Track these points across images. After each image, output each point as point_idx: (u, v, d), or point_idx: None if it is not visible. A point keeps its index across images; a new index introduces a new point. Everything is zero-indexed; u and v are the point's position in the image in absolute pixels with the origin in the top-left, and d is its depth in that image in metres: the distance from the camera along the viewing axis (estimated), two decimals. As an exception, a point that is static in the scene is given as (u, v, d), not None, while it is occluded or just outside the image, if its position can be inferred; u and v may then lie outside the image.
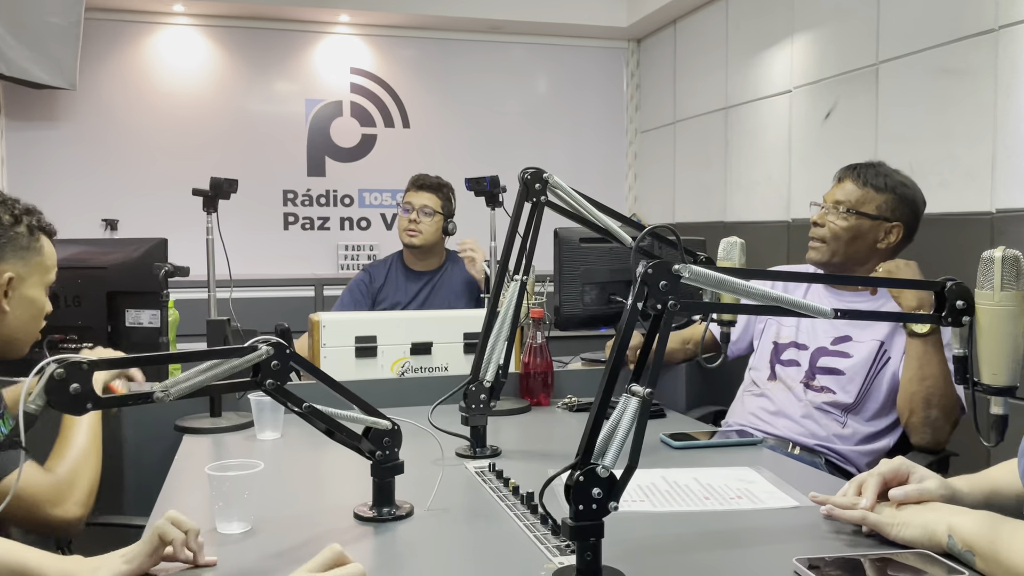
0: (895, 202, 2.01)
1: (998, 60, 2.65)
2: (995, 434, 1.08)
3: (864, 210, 2.00)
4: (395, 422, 1.27)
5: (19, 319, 1.53)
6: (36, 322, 1.58)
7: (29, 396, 0.96)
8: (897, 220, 2.01)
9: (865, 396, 1.96)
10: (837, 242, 2.02)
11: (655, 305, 1.01)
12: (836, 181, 2.10)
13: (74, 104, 4.52)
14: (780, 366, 2.09)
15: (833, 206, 2.04)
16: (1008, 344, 1.07)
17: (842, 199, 2.03)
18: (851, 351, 1.99)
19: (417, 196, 3.08)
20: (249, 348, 1.11)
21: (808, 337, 2.08)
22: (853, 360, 1.98)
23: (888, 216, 2.01)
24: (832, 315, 1.10)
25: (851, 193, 2.03)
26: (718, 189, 4.40)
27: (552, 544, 1.16)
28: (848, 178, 2.05)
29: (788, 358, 2.09)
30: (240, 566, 1.12)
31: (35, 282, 1.55)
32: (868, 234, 2.01)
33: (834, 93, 3.48)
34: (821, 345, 2.04)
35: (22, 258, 1.51)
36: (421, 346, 2.25)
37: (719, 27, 4.37)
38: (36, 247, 1.55)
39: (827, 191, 2.10)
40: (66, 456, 1.47)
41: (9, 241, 1.50)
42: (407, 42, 5.06)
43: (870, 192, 2.01)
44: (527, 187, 1.62)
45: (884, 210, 2.01)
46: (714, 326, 2.30)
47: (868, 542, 1.16)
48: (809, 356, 2.05)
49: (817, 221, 2.07)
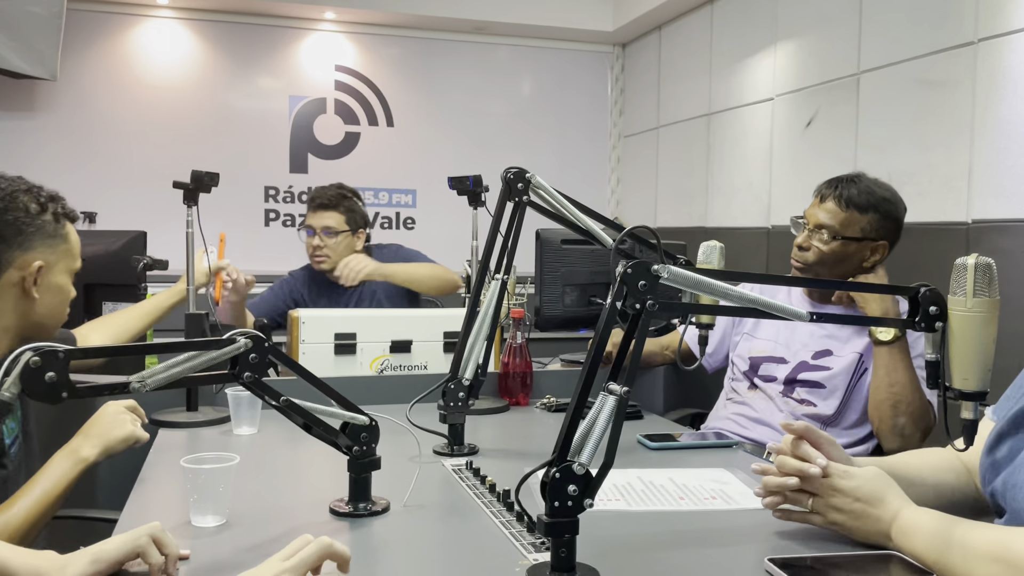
0: (879, 221, 1.98)
1: (976, 72, 2.69)
2: (965, 439, 1.10)
3: (848, 234, 1.97)
4: (373, 418, 1.27)
5: (47, 306, 1.56)
6: (63, 308, 1.61)
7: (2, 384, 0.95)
8: (882, 239, 1.99)
9: (844, 408, 1.97)
10: (822, 267, 1.99)
11: (634, 305, 1.01)
12: (817, 199, 2.05)
13: (54, 95, 4.48)
14: (759, 380, 2.09)
15: (816, 229, 2.00)
16: (979, 350, 1.08)
17: (825, 223, 1.98)
18: (830, 364, 2.00)
19: (316, 217, 2.86)
20: (227, 340, 1.11)
21: (787, 351, 2.07)
22: (832, 372, 1.98)
23: (873, 236, 1.98)
24: (807, 318, 1.11)
25: (834, 216, 1.98)
26: (700, 194, 4.43)
27: (527, 541, 1.17)
28: (830, 198, 2.00)
29: (766, 373, 2.08)
30: (214, 559, 1.12)
31: (62, 269, 1.58)
32: (854, 256, 1.99)
33: (816, 102, 3.51)
34: (802, 360, 2.03)
35: (49, 246, 1.54)
36: (401, 344, 2.25)
37: (704, 34, 4.40)
38: (62, 234, 1.58)
39: (808, 206, 2.06)
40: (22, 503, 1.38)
41: (37, 230, 1.53)
42: (392, 41, 5.06)
43: (854, 214, 1.97)
44: (509, 187, 1.62)
45: (869, 231, 1.98)
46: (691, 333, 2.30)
47: (840, 543, 1.17)
48: (788, 371, 2.04)
49: (802, 245, 2.02)
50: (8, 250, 1.50)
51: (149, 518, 1.05)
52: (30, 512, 1.36)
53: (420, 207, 5.13)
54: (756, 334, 2.16)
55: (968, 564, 1.00)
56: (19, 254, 1.51)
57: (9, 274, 1.51)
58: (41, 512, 1.38)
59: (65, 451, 1.46)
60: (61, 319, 1.63)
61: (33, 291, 1.52)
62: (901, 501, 1.12)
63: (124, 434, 1.49)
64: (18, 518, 1.35)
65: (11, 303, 1.52)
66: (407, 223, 5.12)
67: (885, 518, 1.11)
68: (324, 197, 2.89)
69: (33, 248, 1.52)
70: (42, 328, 1.58)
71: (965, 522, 1.06)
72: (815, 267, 2.00)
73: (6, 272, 1.50)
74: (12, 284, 1.51)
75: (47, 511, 1.39)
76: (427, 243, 5.07)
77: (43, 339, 1.56)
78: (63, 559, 1.00)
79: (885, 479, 1.15)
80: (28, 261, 1.51)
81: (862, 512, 1.13)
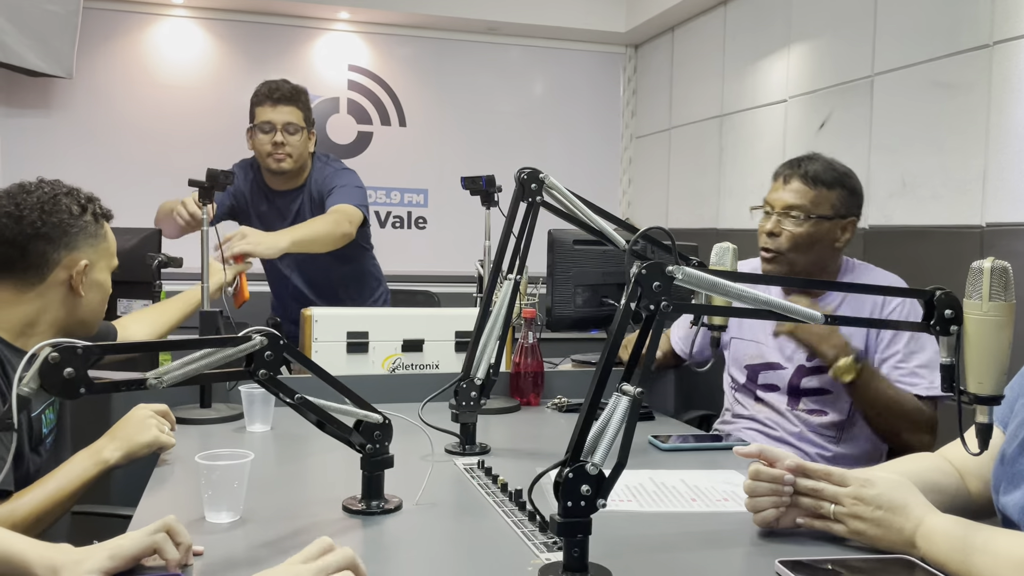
0: (846, 196, 1.91)
1: (992, 75, 2.68)
2: (979, 442, 1.10)
3: (820, 212, 1.89)
4: (386, 416, 1.27)
5: (91, 303, 1.64)
6: (104, 305, 1.69)
7: (23, 379, 0.96)
8: (851, 215, 1.92)
9: (855, 412, 1.92)
10: (796, 252, 1.91)
11: (648, 306, 1.02)
12: (780, 181, 1.95)
13: (70, 93, 4.51)
14: (761, 391, 2.03)
15: (785, 212, 1.91)
16: (994, 354, 1.08)
17: (795, 203, 1.89)
18: None
19: (277, 112, 2.64)
20: (243, 338, 1.12)
21: (780, 355, 2.00)
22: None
23: (843, 213, 1.91)
24: (822, 320, 1.11)
25: (803, 195, 1.89)
26: (711, 196, 4.42)
27: (539, 540, 1.17)
28: (795, 177, 1.91)
29: (766, 382, 2.02)
30: (228, 555, 1.13)
31: (103, 267, 1.66)
32: (827, 236, 1.91)
33: (829, 104, 3.50)
34: (800, 364, 1.96)
35: (92, 245, 1.62)
36: (412, 343, 2.26)
37: (717, 35, 4.39)
38: (102, 234, 1.66)
39: (769, 192, 1.97)
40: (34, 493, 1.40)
41: (81, 230, 1.60)
42: (405, 41, 5.07)
43: (822, 191, 1.89)
44: (523, 187, 1.62)
45: (839, 208, 1.90)
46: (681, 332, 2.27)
47: (851, 546, 1.17)
48: (788, 377, 1.98)
49: (772, 230, 1.93)
50: (55, 250, 1.57)
51: (164, 514, 1.06)
52: (39, 505, 1.38)
53: (432, 207, 5.14)
54: (742, 334, 2.09)
55: (996, 567, 0.99)
56: (65, 254, 1.58)
57: (56, 273, 1.58)
58: (50, 506, 1.40)
59: (89, 450, 1.49)
60: (101, 315, 1.70)
61: (80, 289, 1.60)
62: (924, 508, 1.12)
63: (148, 439, 1.52)
64: (25, 508, 1.37)
65: (59, 300, 1.59)
66: (419, 223, 5.13)
67: (908, 526, 1.10)
68: (284, 90, 2.67)
69: (78, 248, 1.60)
70: (85, 324, 1.65)
71: (989, 528, 1.06)
72: (789, 253, 1.91)
73: (54, 271, 1.57)
74: (60, 283, 1.58)
75: (57, 507, 1.41)
76: (439, 243, 5.13)
77: (85, 334, 1.63)
78: (80, 553, 1.01)
79: (907, 486, 1.14)
80: (75, 260, 1.59)
81: (884, 520, 1.12)
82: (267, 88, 2.69)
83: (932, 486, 1.23)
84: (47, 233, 1.55)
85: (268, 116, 2.65)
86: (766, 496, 1.21)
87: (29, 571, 1.00)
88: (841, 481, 1.16)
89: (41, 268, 1.56)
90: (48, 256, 1.56)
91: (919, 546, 1.09)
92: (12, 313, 1.55)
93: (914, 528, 1.10)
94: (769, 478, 1.20)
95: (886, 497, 1.13)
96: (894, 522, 1.11)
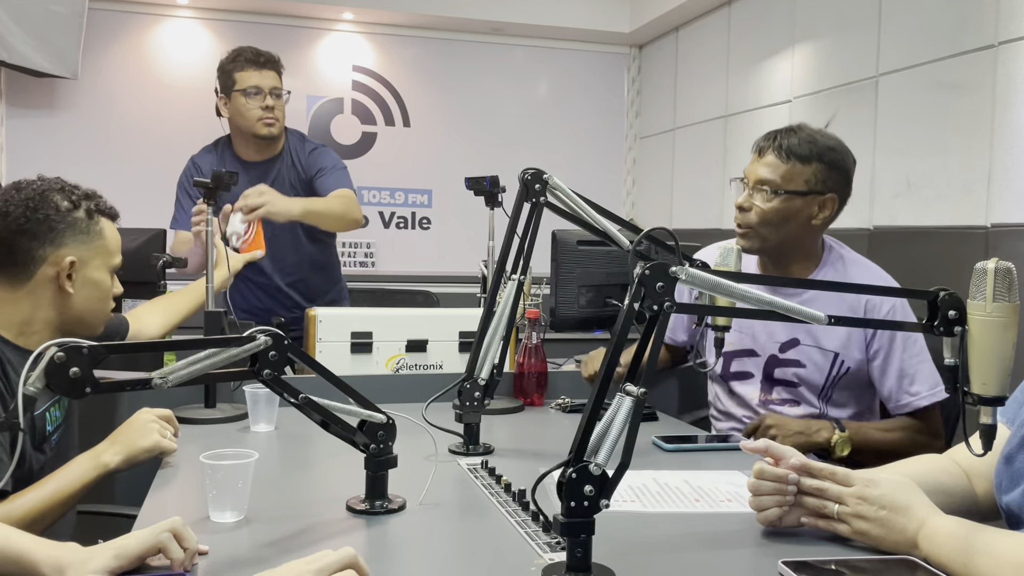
0: (824, 172, 1.83)
1: (996, 76, 2.67)
2: (983, 444, 1.10)
3: (792, 187, 1.82)
4: (390, 416, 1.28)
5: (85, 300, 1.61)
6: (103, 303, 1.67)
7: (28, 379, 0.96)
8: (830, 191, 1.84)
9: (828, 401, 1.90)
10: (767, 227, 1.84)
11: (651, 306, 1.02)
12: (756, 154, 1.89)
13: (75, 93, 4.52)
14: (735, 382, 2.00)
15: (757, 186, 1.85)
16: (998, 355, 1.08)
17: (767, 177, 1.83)
18: (802, 358, 1.91)
19: (262, 77, 2.61)
20: (248, 338, 1.12)
21: (754, 342, 1.96)
22: (807, 371, 1.90)
23: (820, 189, 1.83)
24: (825, 321, 1.11)
25: (775, 169, 1.83)
26: (716, 196, 4.42)
27: (543, 541, 1.17)
28: (769, 150, 1.85)
29: (739, 369, 1.99)
30: (232, 555, 1.13)
31: (98, 265, 1.63)
32: (800, 213, 1.83)
33: (834, 104, 3.50)
34: (772, 353, 1.93)
35: (83, 242, 1.60)
36: (416, 343, 2.26)
37: (721, 35, 4.39)
38: (96, 231, 1.63)
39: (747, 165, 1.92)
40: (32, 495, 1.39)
41: (68, 226, 1.58)
42: (409, 41, 5.08)
43: (796, 165, 1.82)
44: (527, 187, 1.62)
45: (814, 183, 1.82)
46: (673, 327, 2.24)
47: (855, 547, 1.17)
48: (762, 365, 1.95)
49: (743, 205, 1.87)
50: (40, 247, 1.55)
51: (168, 514, 1.07)
52: (35, 506, 1.37)
53: (436, 207, 5.14)
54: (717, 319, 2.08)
55: (996, 569, 0.99)
56: (51, 250, 1.56)
57: (44, 270, 1.56)
58: (48, 508, 1.39)
59: (89, 454, 1.48)
60: (102, 314, 1.68)
61: (67, 286, 1.57)
62: (927, 509, 1.12)
63: (149, 444, 1.51)
64: (22, 509, 1.36)
65: (48, 298, 1.58)
66: (423, 223, 5.14)
67: (911, 526, 1.10)
68: (267, 55, 2.64)
69: (64, 244, 1.57)
70: (83, 322, 1.63)
71: (991, 529, 1.06)
72: (759, 228, 1.85)
73: (41, 268, 1.56)
74: (48, 280, 1.57)
75: (54, 509, 1.40)
76: (443, 243, 5.13)
77: (85, 333, 1.61)
78: (86, 552, 1.01)
79: (911, 487, 1.14)
80: (60, 257, 1.56)
81: (887, 520, 1.12)
82: (251, 52, 2.65)
83: (937, 487, 1.23)
84: (31, 229, 1.54)
85: (255, 81, 2.61)
86: (770, 495, 1.21)
87: (35, 570, 1.00)
88: (845, 481, 1.16)
89: (28, 265, 1.55)
90: (33, 253, 1.54)
91: (921, 547, 1.09)
92: (8, 311, 1.55)
93: (917, 529, 1.10)
94: (773, 477, 1.21)
95: (890, 497, 1.13)
96: (897, 522, 1.11)
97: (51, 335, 1.57)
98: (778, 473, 1.20)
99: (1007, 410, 1.25)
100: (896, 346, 1.86)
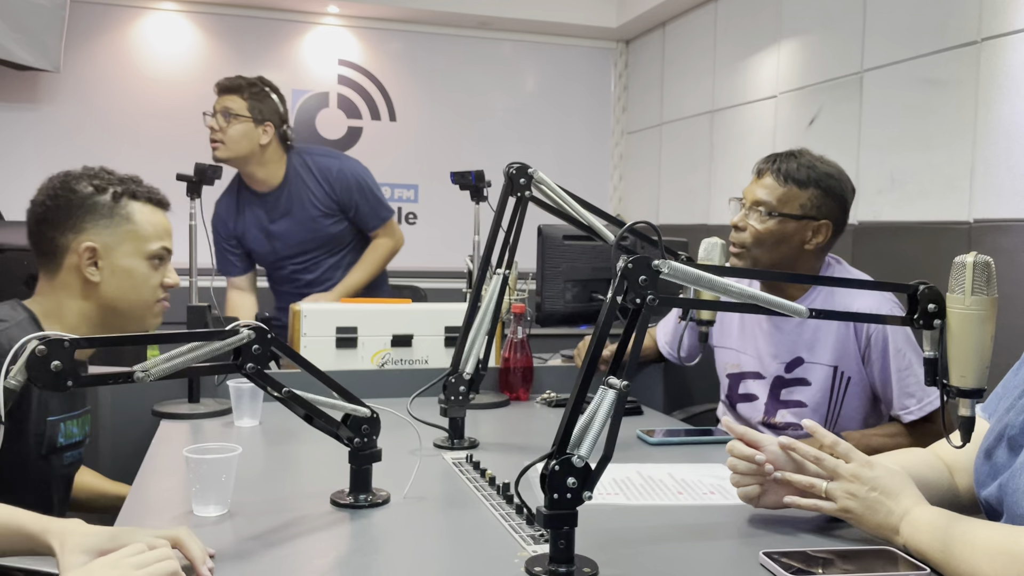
0: (820, 198, 1.85)
1: (979, 72, 2.69)
2: (962, 435, 1.11)
3: (787, 211, 1.84)
4: (374, 410, 1.27)
5: (116, 289, 1.53)
6: (139, 292, 1.56)
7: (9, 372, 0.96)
8: (824, 218, 1.86)
9: (835, 424, 1.90)
10: (760, 248, 1.87)
11: (634, 299, 1.02)
12: (755, 175, 1.92)
13: (57, 87, 4.48)
14: (741, 403, 2.02)
15: (753, 207, 1.88)
16: (976, 347, 1.09)
17: (763, 199, 1.86)
18: (808, 376, 1.91)
19: (218, 101, 2.67)
20: (231, 332, 1.12)
21: (759, 364, 1.97)
22: (813, 389, 1.91)
23: (814, 214, 1.85)
24: (807, 314, 1.12)
25: (771, 192, 1.86)
26: (702, 192, 4.43)
27: (526, 533, 1.18)
28: (768, 172, 1.88)
29: (745, 391, 2.00)
30: (215, 548, 1.12)
31: (127, 251, 1.55)
32: (794, 236, 1.86)
33: (819, 100, 3.51)
34: (778, 374, 1.94)
35: (106, 227, 1.53)
36: (402, 338, 2.26)
37: (707, 31, 4.40)
38: (123, 214, 1.55)
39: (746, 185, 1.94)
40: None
41: (88, 211, 1.52)
42: (395, 35, 5.06)
43: (792, 189, 1.84)
44: (512, 181, 1.63)
45: (809, 208, 1.85)
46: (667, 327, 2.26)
47: (834, 538, 1.18)
48: (768, 387, 1.96)
49: (738, 224, 1.89)
50: (62, 234, 1.50)
51: (152, 508, 1.06)
52: None
53: (422, 202, 5.13)
54: (723, 343, 2.08)
55: (973, 557, 1.01)
56: (72, 237, 1.51)
57: (69, 258, 1.51)
58: None
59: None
60: (142, 304, 1.58)
61: (88, 273, 1.51)
62: (915, 499, 1.14)
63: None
64: None
65: (77, 288, 1.52)
66: (409, 218, 5.12)
67: (897, 511, 1.12)
68: (228, 81, 2.70)
69: (85, 230, 1.51)
70: (118, 313, 1.55)
71: (970, 520, 1.08)
72: (753, 249, 1.87)
73: (66, 256, 1.51)
74: (72, 268, 1.51)
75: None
76: (429, 238, 5.12)
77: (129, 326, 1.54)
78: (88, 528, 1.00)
79: (905, 477, 1.16)
80: (79, 243, 1.51)
81: (876, 502, 1.14)
82: (223, 79, 2.73)
83: (920, 479, 1.24)
84: (51, 218, 1.50)
85: (215, 104, 2.69)
86: (745, 474, 1.25)
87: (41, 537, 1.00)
88: (845, 455, 1.18)
89: (54, 255, 1.50)
90: (56, 241, 1.50)
91: (903, 533, 1.11)
92: (46, 302, 1.51)
93: (901, 515, 1.12)
94: (741, 455, 1.24)
95: (884, 481, 1.15)
96: (884, 506, 1.13)
97: (89, 328, 1.52)
98: (746, 452, 1.24)
99: (987, 405, 1.27)
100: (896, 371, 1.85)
